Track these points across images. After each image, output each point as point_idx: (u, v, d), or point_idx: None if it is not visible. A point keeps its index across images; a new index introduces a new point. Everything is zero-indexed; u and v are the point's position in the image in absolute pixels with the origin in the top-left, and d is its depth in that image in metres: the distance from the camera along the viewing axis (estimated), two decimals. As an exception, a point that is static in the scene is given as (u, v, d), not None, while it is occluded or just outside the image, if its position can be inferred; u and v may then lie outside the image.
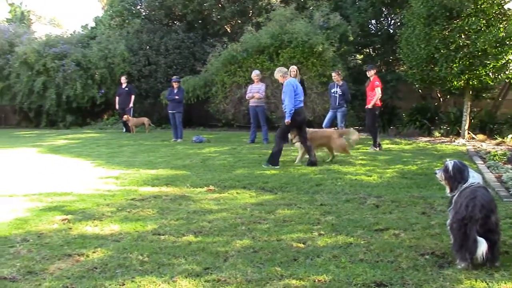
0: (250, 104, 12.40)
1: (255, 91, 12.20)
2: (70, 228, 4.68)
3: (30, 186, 6.84)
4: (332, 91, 11.75)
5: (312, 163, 8.50)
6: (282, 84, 8.79)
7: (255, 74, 12.45)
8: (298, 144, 8.97)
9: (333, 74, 11.95)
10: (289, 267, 3.59)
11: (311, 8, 17.01)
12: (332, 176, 7.29)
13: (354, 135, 9.54)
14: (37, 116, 19.86)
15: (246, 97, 12.61)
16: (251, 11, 19.58)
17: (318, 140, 9.18)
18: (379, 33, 17.60)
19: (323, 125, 11.83)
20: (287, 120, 8.44)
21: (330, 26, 15.73)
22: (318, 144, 9.18)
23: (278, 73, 8.91)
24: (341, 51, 16.21)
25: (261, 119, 12.30)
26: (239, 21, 19.77)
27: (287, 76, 8.87)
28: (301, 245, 4.10)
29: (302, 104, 8.66)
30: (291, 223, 4.79)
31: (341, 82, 11.73)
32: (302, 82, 11.90)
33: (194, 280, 3.36)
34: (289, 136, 8.89)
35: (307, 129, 8.97)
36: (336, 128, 10.78)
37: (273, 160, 8.45)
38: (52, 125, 19.33)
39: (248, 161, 9.01)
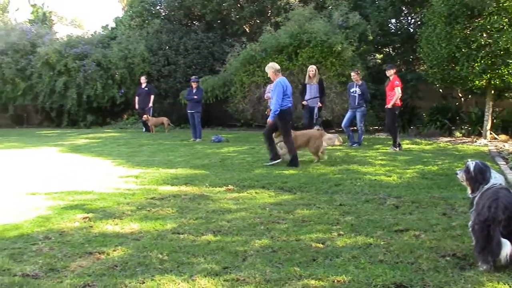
0: (269, 104, 12.38)
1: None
2: (91, 227, 4.74)
3: (52, 184, 6.94)
4: (351, 90, 11.68)
5: (292, 162, 8.49)
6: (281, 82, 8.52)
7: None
8: (281, 144, 8.93)
9: (352, 73, 11.87)
10: (308, 267, 3.58)
11: (330, 7, 16.94)
12: (351, 176, 7.25)
13: (336, 140, 9.47)
14: (59, 116, 20.12)
15: (265, 96, 12.60)
16: (269, 11, 19.58)
17: (299, 140, 9.10)
18: (399, 32, 17.44)
19: (342, 125, 11.77)
20: (269, 120, 8.52)
21: (349, 25, 15.64)
22: (298, 144, 9.04)
23: (269, 69, 8.64)
24: (360, 50, 16.11)
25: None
26: (258, 21, 19.79)
27: (279, 74, 8.61)
28: (320, 245, 4.08)
29: (290, 104, 8.61)
30: (310, 223, 4.78)
31: (360, 82, 11.65)
32: (321, 82, 11.89)
33: (213, 279, 3.37)
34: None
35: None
36: (318, 128, 10.74)
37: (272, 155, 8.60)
38: (73, 125, 19.57)
39: (266, 161, 8.99)
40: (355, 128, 12.19)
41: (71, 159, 9.81)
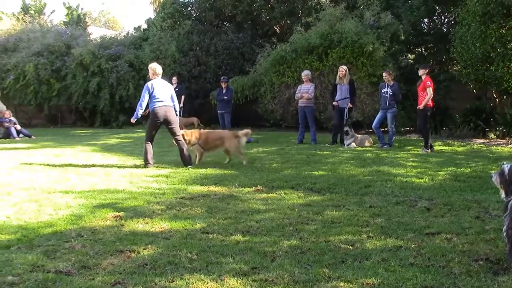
0: (299, 105, 12.37)
1: (304, 91, 12.15)
2: (122, 225, 4.81)
3: (84, 183, 7.08)
4: (383, 91, 11.54)
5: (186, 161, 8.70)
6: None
7: (305, 74, 12.41)
8: (194, 147, 9.00)
9: (384, 74, 11.73)
10: (337, 269, 3.55)
11: (361, 7, 16.78)
12: (382, 178, 7.16)
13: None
14: (92, 116, 20.51)
15: (295, 97, 12.59)
16: (300, 11, 19.54)
17: (213, 141, 9.13)
18: (432, 31, 17.14)
19: (373, 126, 11.65)
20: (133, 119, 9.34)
21: (381, 25, 15.46)
22: (213, 145, 9.14)
23: (150, 70, 9.20)
24: (392, 50, 15.90)
25: (309, 120, 12.24)
26: (288, 21, 19.76)
27: (155, 76, 9.04)
28: (350, 247, 4.05)
29: (161, 104, 8.84)
30: (339, 225, 4.74)
31: (392, 82, 11.50)
32: (351, 82, 11.80)
33: (242, 279, 3.38)
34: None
35: (203, 130, 9.26)
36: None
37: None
38: (105, 125, 19.92)
39: (296, 162, 8.98)
40: (385, 129, 12.05)
41: (103, 158, 9.98)
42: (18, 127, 15.83)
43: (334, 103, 11.77)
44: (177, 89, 16.99)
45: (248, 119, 17.83)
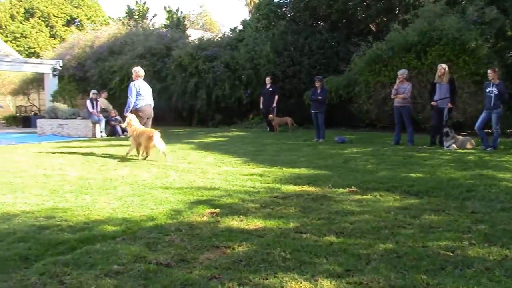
0: (395, 104, 12.02)
1: (401, 90, 11.79)
2: (218, 221, 4.95)
3: (183, 180, 7.38)
4: (487, 90, 10.88)
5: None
6: None
7: (400, 73, 12.03)
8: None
9: (489, 72, 11.05)
10: (435, 276, 3.41)
11: (463, 2, 15.95)
12: (485, 182, 6.76)
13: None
14: (189, 115, 21.26)
15: (391, 96, 12.24)
16: (397, 9, 18.96)
17: (138, 138, 9.78)
18: (543, 26, 15.90)
19: (475, 127, 11.03)
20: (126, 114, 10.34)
21: (485, 20, 14.58)
22: (138, 142, 9.82)
23: (134, 73, 10.59)
24: (497, 47, 14.96)
25: (406, 120, 11.85)
26: (385, 19, 19.25)
27: (137, 78, 10.47)
28: (449, 254, 3.87)
29: (146, 102, 10.56)
30: (438, 230, 4.55)
31: (497, 81, 10.81)
32: (452, 81, 11.26)
33: (335, 281, 3.35)
34: None
35: (139, 127, 9.97)
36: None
37: None
38: (202, 124, 20.58)
39: (392, 163, 8.74)
40: (489, 130, 11.37)
41: (200, 156, 10.32)
42: (123, 125, 16.79)
43: (432, 103, 11.30)
44: (270, 89, 17.26)
45: (342, 119, 17.62)
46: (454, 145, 10.82)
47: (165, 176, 7.73)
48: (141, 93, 10.36)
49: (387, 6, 18.54)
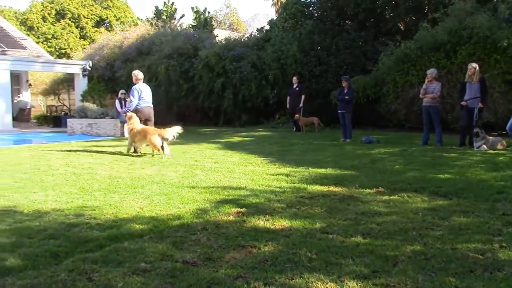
0: (424, 104, 11.84)
1: (430, 90, 11.62)
2: (244, 221, 4.97)
3: (209, 179, 7.42)
4: (519, 90, 10.64)
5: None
6: None
7: (429, 73, 11.85)
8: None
9: (521, 71, 10.80)
10: (464, 279, 3.35)
11: (495, 0, 15.62)
12: (517, 184, 6.62)
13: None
14: (216, 115, 21.36)
15: (420, 95, 12.07)
16: (426, 7, 18.67)
17: (137, 135, 10.46)
18: None
19: (507, 128, 10.78)
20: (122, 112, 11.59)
21: (517, 18, 14.26)
22: (137, 139, 10.53)
23: (133, 76, 11.25)
24: (530, 46, 14.60)
25: (435, 120, 11.66)
26: (414, 18, 18.98)
27: (138, 81, 11.09)
28: (479, 256, 3.80)
29: (146, 104, 11.15)
30: (467, 232, 4.47)
31: (529, 80, 10.57)
32: (482, 81, 11.04)
33: (362, 282, 3.33)
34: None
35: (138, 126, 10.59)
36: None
37: None
38: (228, 123, 20.65)
39: (420, 164, 8.62)
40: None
41: (226, 156, 10.36)
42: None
43: (462, 102, 11.10)
44: (297, 89, 17.22)
45: (369, 119, 17.46)
46: (485, 146, 10.60)
47: (191, 176, 7.79)
48: (142, 96, 11.01)
49: (416, 4, 18.27)
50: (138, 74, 11.27)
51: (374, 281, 3.33)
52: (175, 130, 10.25)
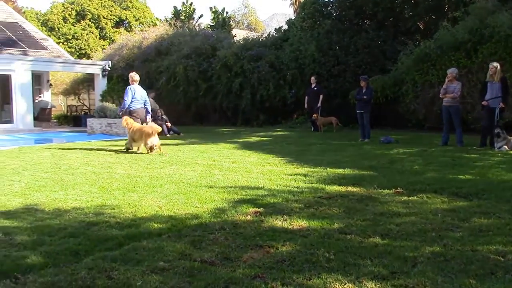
0: (444, 104, 11.71)
1: (451, 90, 11.49)
2: (262, 221, 4.97)
3: (227, 179, 7.44)
4: (541, 89, 10.46)
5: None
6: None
7: (450, 72, 11.72)
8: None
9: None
10: (485, 281, 3.31)
11: (517, -2, 15.37)
12: (539, 185, 6.51)
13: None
14: (234, 115, 21.40)
15: (440, 95, 11.93)
16: (446, 6, 18.47)
17: (135, 134, 10.96)
18: None
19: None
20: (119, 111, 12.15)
21: (541, 17, 14.01)
22: (135, 138, 10.99)
23: (130, 78, 11.83)
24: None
25: (455, 120, 11.53)
26: (433, 17, 18.79)
27: (133, 83, 11.65)
28: (500, 258, 3.74)
29: (140, 105, 11.63)
30: (488, 234, 4.41)
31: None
32: (504, 80, 10.88)
33: (380, 283, 3.31)
34: None
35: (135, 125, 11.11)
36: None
37: None
38: (246, 123, 20.67)
39: (439, 164, 8.53)
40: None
41: (244, 155, 10.37)
42: (169, 124, 17.13)
43: (483, 102, 10.95)
44: (315, 88, 17.17)
45: (388, 119, 17.34)
46: (506, 146, 10.45)
47: (210, 175, 7.81)
48: (136, 97, 11.55)
49: (436, 3, 18.08)
50: (134, 76, 11.88)
51: (392, 282, 3.31)
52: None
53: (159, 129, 11.26)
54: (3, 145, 13.42)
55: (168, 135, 16.51)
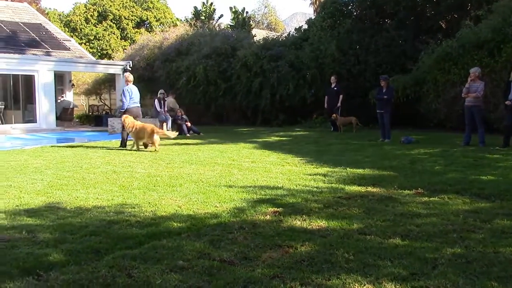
0: (466, 104, 11.56)
1: (473, 89, 11.33)
2: (281, 221, 4.97)
3: (246, 178, 7.46)
4: None
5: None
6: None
7: (472, 71, 11.56)
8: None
9: None
10: (507, 284, 3.26)
11: (542, -4, 15.07)
12: None
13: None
14: (254, 114, 21.39)
15: (462, 94, 11.78)
16: (469, 4, 18.20)
17: (139, 133, 11.46)
18: None
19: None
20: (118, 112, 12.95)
21: None
22: (139, 137, 11.54)
23: (124, 78, 12.68)
24: None
25: (477, 120, 11.37)
26: (456, 16, 18.54)
27: (128, 83, 12.31)
28: (523, 261, 3.68)
29: (135, 105, 12.33)
30: (511, 235, 4.34)
31: None
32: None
33: (400, 284, 3.28)
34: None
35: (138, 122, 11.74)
36: None
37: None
38: (266, 123, 20.65)
39: (461, 165, 8.42)
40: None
41: (264, 155, 10.37)
42: (189, 124, 17.21)
43: (506, 102, 10.77)
44: (335, 88, 17.07)
45: (408, 118, 17.14)
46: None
47: (229, 175, 7.84)
48: (133, 97, 12.23)
49: (458, 2, 17.82)
50: (128, 76, 12.55)
51: (412, 284, 3.28)
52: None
53: (155, 127, 11.87)
54: (26, 144, 13.66)
55: (188, 134, 16.60)
